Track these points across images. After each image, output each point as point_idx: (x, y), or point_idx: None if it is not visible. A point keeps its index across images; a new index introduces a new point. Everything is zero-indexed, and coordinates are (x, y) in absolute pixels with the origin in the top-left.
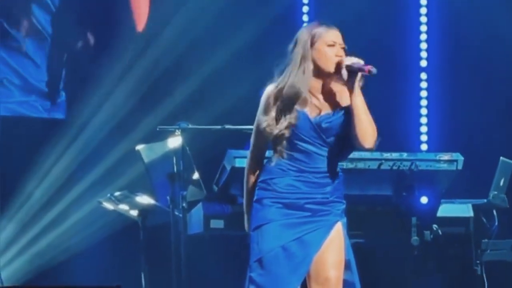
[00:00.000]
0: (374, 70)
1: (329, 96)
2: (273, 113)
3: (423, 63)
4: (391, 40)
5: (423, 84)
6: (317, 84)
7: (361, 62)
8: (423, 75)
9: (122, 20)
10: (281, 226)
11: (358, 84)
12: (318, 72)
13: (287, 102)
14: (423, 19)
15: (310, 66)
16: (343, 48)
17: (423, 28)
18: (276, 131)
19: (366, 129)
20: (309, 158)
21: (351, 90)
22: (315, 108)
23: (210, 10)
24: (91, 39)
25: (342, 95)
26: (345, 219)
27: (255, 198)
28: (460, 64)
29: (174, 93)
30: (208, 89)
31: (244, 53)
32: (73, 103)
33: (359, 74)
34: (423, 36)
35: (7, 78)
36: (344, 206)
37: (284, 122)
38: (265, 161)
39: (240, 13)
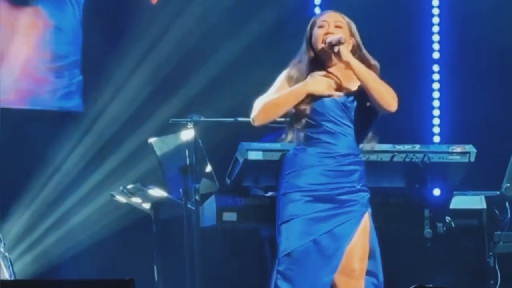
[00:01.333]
0: (341, 39)
1: (345, 75)
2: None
3: (436, 55)
4: (404, 32)
5: (436, 76)
6: (332, 64)
7: (339, 36)
8: (436, 67)
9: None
10: (311, 220)
11: (346, 55)
12: (317, 54)
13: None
14: (436, 11)
15: (310, 51)
16: (340, 27)
17: (436, 20)
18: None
19: (381, 93)
20: (336, 139)
21: (346, 63)
22: (336, 87)
23: (222, 3)
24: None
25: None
26: (370, 209)
27: (282, 191)
28: (472, 56)
29: (187, 86)
30: (221, 82)
31: (258, 45)
32: (87, 96)
33: (338, 47)
34: (436, 28)
35: None
36: (369, 195)
37: (306, 107)
38: (291, 153)
39: (253, 5)
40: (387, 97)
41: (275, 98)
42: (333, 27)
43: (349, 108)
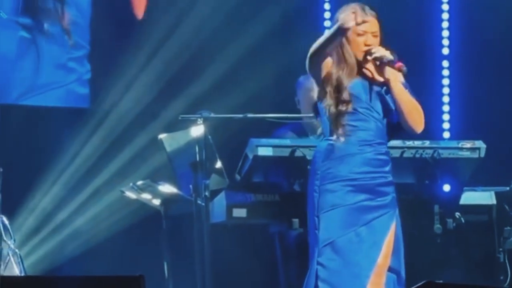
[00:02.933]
0: (404, 69)
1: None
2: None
3: (445, 51)
4: (413, 28)
5: (445, 72)
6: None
7: (390, 56)
8: (445, 63)
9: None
10: (352, 210)
11: (389, 74)
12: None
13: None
14: (445, 7)
15: (350, 55)
16: (376, 37)
17: (445, 16)
18: (338, 107)
19: (413, 116)
20: (372, 126)
21: (385, 79)
22: (372, 75)
23: (231, 0)
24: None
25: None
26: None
27: (320, 182)
28: (482, 51)
29: (197, 82)
30: (230, 78)
31: (267, 41)
32: (96, 93)
33: (387, 68)
34: (445, 24)
35: None
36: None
37: (345, 93)
38: (326, 144)
39: (262, 2)
40: (417, 120)
41: (316, 44)
42: (370, 37)
43: (384, 98)
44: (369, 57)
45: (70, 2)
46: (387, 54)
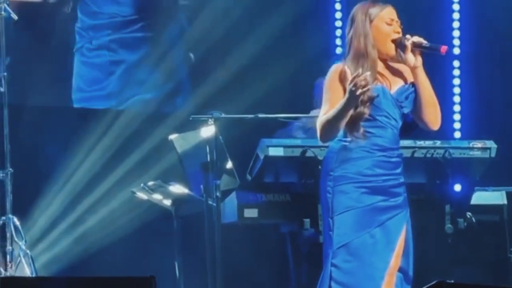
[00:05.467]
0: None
1: (394, 70)
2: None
3: (456, 51)
4: (424, 27)
5: (456, 72)
6: (381, 60)
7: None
8: (456, 63)
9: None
10: (366, 212)
11: (420, 62)
12: (378, 50)
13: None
14: (456, 6)
15: (372, 49)
16: (400, 26)
17: (456, 15)
18: (358, 109)
19: (432, 111)
20: (387, 133)
21: (413, 67)
22: (388, 82)
23: (242, 0)
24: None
25: (406, 70)
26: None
27: (332, 183)
28: (493, 51)
29: (207, 83)
30: (241, 78)
31: (277, 41)
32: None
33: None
34: (456, 24)
35: None
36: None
37: (363, 98)
38: (339, 145)
39: (272, 2)
40: (434, 115)
41: (327, 118)
42: (397, 26)
43: (402, 104)
44: (406, 42)
45: None
46: (422, 40)
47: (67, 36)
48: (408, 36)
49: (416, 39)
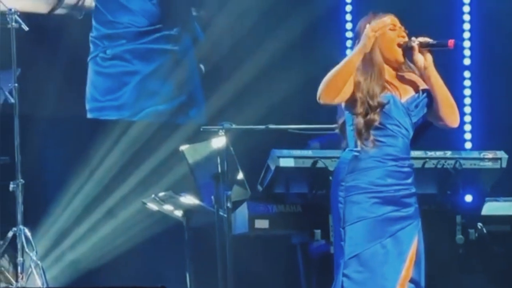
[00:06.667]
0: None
1: (403, 80)
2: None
3: (467, 61)
4: (435, 36)
5: (467, 83)
6: (390, 69)
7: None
8: (467, 74)
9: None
10: (378, 222)
11: (430, 61)
12: (386, 57)
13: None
14: (466, 17)
15: (378, 55)
16: (404, 30)
17: (466, 26)
18: (368, 116)
19: (449, 107)
20: (398, 143)
21: (424, 68)
22: (398, 91)
23: (254, 9)
24: None
25: (416, 80)
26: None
27: (344, 193)
28: (504, 61)
29: (218, 93)
30: (252, 89)
31: (289, 53)
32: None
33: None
34: (466, 34)
35: None
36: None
37: (376, 100)
38: (350, 155)
39: (285, 11)
40: (450, 110)
41: (333, 69)
42: (401, 31)
43: (412, 113)
44: (413, 44)
45: None
46: (428, 39)
47: (79, 46)
48: (413, 38)
49: (422, 38)
